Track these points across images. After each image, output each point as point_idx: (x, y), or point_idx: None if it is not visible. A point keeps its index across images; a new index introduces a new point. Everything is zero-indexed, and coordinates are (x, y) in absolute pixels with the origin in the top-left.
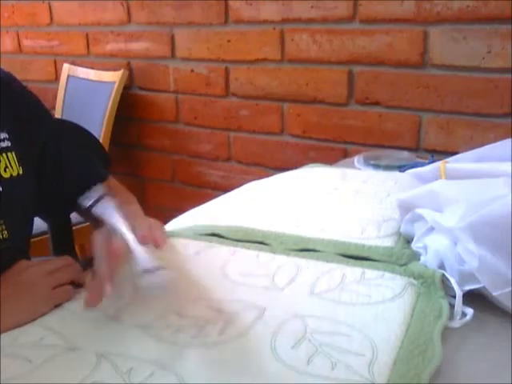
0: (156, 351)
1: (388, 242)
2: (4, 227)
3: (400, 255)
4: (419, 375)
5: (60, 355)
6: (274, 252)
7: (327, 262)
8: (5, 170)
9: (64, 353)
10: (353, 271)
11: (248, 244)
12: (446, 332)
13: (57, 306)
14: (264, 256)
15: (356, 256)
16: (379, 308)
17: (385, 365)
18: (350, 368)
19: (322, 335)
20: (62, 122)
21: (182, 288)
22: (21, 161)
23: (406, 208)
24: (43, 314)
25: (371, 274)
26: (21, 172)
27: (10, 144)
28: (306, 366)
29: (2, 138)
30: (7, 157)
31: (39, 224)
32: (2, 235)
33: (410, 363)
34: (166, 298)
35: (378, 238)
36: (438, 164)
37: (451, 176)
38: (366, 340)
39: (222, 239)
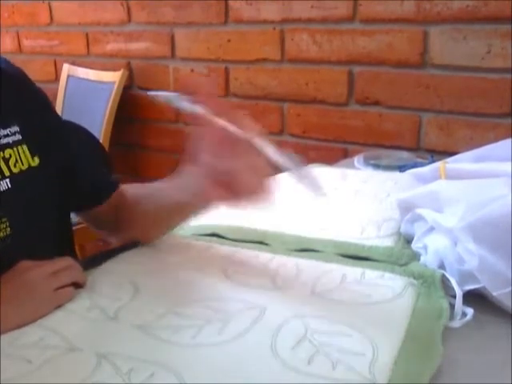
0: (156, 352)
1: (388, 242)
2: (7, 224)
3: (400, 255)
4: (420, 375)
5: (60, 356)
6: (274, 252)
7: (327, 262)
8: (14, 165)
9: (64, 353)
10: (353, 271)
11: (248, 244)
12: (446, 332)
13: (57, 306)
14: (264, 256)
15: (356, 256)
16: (379, 308)
17: (385, 365)
18: (351, 368)
19: (322, 335)
20: (68, 123)
21: (182, 288)
22: (36, 152)
23: (405, 208)
24: (44, 316)
25: (371, 274)
26: (35, 163)
27: (21, 137)
28: (306, 366)
29: (13, 131)
30: (18, 151)
31: None
32: (6, 232)
33: (411, 363)
34: (165, 298)
35: (377, 237)
36: (438, 164)
37: (451, 176)
38: (367, 340)
39: (221, 239)
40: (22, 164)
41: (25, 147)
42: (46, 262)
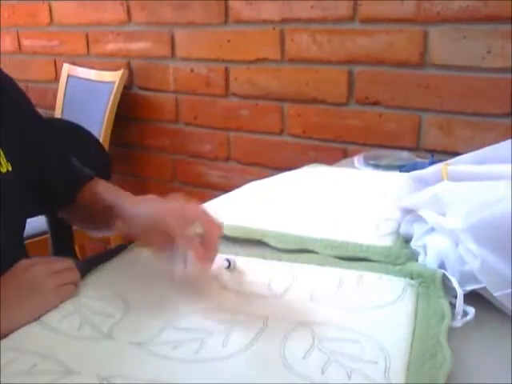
0: (158, 370)
1: (386, 242)
2: None
3: (398, 255)
4: (434, 378)
5: (58, 381)
6: (266, 258)
7: (322, 265)
8: None
9: (61, 378)
10: (349, 274)
11: (246, 248)
12: (448, 332)
13: (49, 328)
14: (257, 262)
15: (353, 257)
16: (381, 311)
17: (399, 371)
18: (366, 376)
19: (330, 343)
20: (52, 121)
21: (175, 300)
22: (9, 157)
23: (407, 210)
24: (50, 310)
25: (368, 276)
26: (10, 168)
27: None
28: (320, 375)
29: None
30: None
31: (39, 224)
32: None
33: (424, 367)
34: (160, 312)
35: (376, 237)
36: (440, 166)
37: (453, 178)
38: (376, 346)
39: None
40: (1, 166)
41: (0, 151)
42: (47, 261)
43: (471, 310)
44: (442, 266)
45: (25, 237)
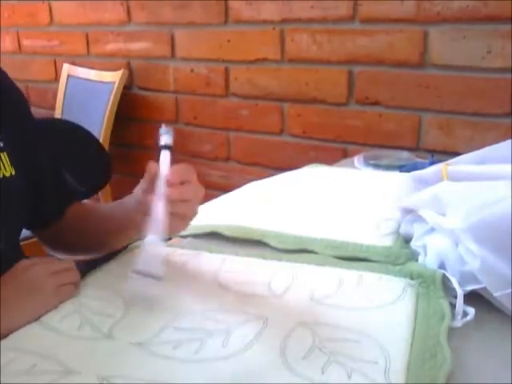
0: (158, 370)
1: (386, 242)
2: None
3: (398, 255)
4: (434, 378)
5: (58, 381)
6: (265, 258)
7: (322, 265)
8: None
9: (62, 377)
10: (349, 274)
11: (245, 248)
12: (448, 332)
13: (49, 328)
14: (255, 262)
15: (353, 257)
16: (381, 311)
17: (399, 371)
18: (367, 376)
19: (331, 343)
20: (52, 121)
21: (175, 300)
22: (13, 161)
23: (407, 210)
24: (50, 310)
25: (368, 276)
26: (13, 172)
27: (1, 144)
28: (321, 375)
29: None
30: (0, 157)
31: None
32: None
33: (424, 367)
34: (159, 312)
35: (376, 237)
36: (440, 166)
37: (453, 178)
38: (376, 346)
39: (210, 247)
40: (5, 170)
41: (5, 154)
42: (48, 261)
43: (471, 310)
44: (442, 266)
45: (24, 237)
